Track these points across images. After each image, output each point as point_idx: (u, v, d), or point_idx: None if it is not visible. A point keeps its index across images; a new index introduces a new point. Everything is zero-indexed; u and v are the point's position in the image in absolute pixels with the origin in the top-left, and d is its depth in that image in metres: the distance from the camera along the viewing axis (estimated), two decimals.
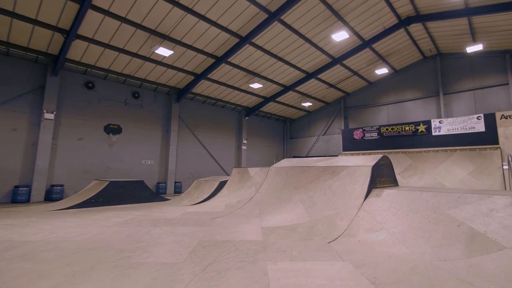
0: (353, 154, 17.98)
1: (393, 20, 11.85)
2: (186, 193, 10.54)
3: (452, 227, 4.15)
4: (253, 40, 11.83)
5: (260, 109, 19.12)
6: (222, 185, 9.94)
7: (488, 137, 12.79)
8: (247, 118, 18.96)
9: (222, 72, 13.96)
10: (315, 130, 21.32)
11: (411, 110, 16.40)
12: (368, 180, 5.96)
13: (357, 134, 18.25)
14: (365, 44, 13.13)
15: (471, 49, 12.14)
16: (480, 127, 13.10)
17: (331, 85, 17.51)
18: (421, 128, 15.19)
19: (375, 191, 5.78)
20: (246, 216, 6.51)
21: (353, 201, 5.65)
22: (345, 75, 16.58)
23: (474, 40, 12.34)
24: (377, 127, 17.11)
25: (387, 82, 17.48)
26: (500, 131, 12.26)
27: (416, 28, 12.70)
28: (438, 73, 15.10)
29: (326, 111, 20.79)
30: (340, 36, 10.99)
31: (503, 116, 12.46)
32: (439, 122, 14.43)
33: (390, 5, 10.77)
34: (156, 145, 14.08)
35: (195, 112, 16.29)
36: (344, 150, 18.62)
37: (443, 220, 4.32)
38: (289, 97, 18.29)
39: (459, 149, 13.49)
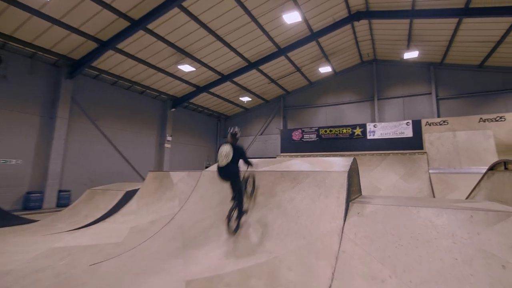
0: (292, 156, 17.16)
1: (344, 13, 11.25)
2: (68, 210, 7.06)
3: (495, 269, 2.76)
4: (184, 4, 9.22)
5: (191, 101, 16.37)
6: (130, 196, 6.99)
7: (415, 142, 13.55)
8: (173, 110, 15.88)
9: (141, 43, 10.77)
10: (252, 129, 19.81)
11: (348, 112, 16.60)
12: (344, 191, 4.32)
13: (296, 135, 17.54)
14: (312, 36, 12.22)
15: (408, 55, 12.62)
16: (409, 132, 13.81)
17: (272, 80, 16.26)
18: (358, 131, 15.36)
19: (354, 207, 4.15)
20: (159, 253, 3.98)
21: (328, 223, 3.90)
22: (288, 71, 15.57)
23: (408, 48, 12.88)
24: (316, 128, 16.73)
25: (327, 83, 17.38)
26: (426, 137, 13.07)
27: (362, 28, 12.53)
28: (374, 78, 15.63)
29: (264, 109, 19.56)
30: (292, 17, 9.58)
31: (427, 123, 13.36)
32: (374, 126, 14.76)
33: None
34: (30, 137, 9.73)
35: (100, 96, 12.36)
36: (282, 151, 17.63)
37: (474, 256, 2.92)
38: (226, 89, 16.18)
39: (392, 153, 13.96)
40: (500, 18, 8.98)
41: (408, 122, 14.18)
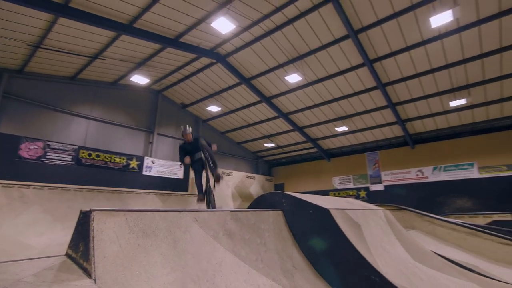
0: (23, 187, 10.38)
1: (210, 45, 11.93)
2: None
3: None
4: None
5: None
6: None
7: (184, 184, 15.81)
8: None
9: None
10: None
11: (119, 137, 14.38)
12: None
13: (30, 150, 11.54)
14: (170, 41, 10.86)
15: (211, 108, 15.60)
16: (180, 174, 15.86)
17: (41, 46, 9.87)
18: (134, 163, 14.20)
19: None
20: None
21: None
22: (88, 50, 10.71)
23: (207, 101, 15.95)
24: (75, 147, 12.33)
25: (98, 91, 13.78)
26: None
27: (197, 66, 13.37)
28: (157, 110, 15.82)
29: None
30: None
31: None
32: (152, 162, 14.75)
33: None
34: None
35: None
36: None
37: None
38: None
39: (173, 193, 14.65)
40: None
41: (181, 164, 16.00)
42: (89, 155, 12.57)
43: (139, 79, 12.99)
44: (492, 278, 5.08)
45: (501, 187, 12.95)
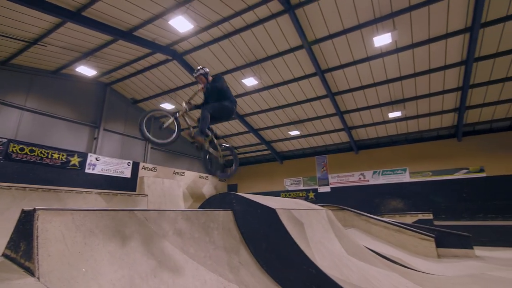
0: None
1: (166, 42, 11.74)
2: None
3: None
4: None
5: None
6: None
7: (131, 184, 15.27)
8: None
9: None
10: None
11: (58, 131, 13.26)
12: None
13: None
14: (122, 33, 10.48)
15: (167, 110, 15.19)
16: (128, 173, 15.31)
17: None
18: (75, 160, 13.36)
19: None
20: None
21: None
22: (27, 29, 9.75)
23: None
24: (4, 141, 11.25)
25: (35, 79, 12.55)
26: (145, 180, 15.51)
27: (152, 60, 13.03)
28: (105, 104, 14.94)
29: None
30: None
31: (144, 167, 16.02)
32: (96, 159, 14.02)
33: None
34: None
35: None
36: None
37: None
38: None
39: (119, 193, 13.94)
40: None
41: (129, 163, 15.40)
42: (22, 149, 11.40)
43: (85, 70, 12.17)
44: (411, 268, 6.02)
45: (426, 190, 15.02)
